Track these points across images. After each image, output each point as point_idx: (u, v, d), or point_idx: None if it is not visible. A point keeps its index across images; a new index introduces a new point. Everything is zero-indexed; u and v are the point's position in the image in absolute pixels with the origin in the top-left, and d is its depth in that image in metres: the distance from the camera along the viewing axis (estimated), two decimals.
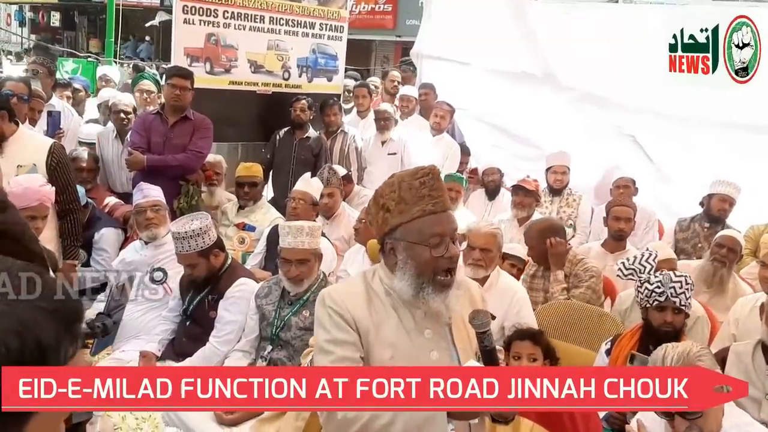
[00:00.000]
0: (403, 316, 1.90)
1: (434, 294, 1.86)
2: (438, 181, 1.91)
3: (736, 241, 4.14)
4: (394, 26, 18.42)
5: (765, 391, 2.94)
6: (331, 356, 1.84)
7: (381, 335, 1.87)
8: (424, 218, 1.86)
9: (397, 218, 1.87)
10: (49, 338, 0.88)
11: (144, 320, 3.82)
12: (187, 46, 5.58)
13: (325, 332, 1.88)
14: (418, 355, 1.87)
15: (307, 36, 6.31)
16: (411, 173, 1.91)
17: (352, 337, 1.85)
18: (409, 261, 1.87)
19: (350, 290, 1.96)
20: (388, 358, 1.84)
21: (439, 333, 1.93)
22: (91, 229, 4.40)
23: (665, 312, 3.02)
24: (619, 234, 4.55)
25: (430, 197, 1.87)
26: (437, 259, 1.85)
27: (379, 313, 1.89)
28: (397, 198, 1.87)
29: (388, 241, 1.91)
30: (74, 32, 25.14)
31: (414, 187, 1.87)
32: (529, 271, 4.22)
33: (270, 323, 3.35)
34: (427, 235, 1.85)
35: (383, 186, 1.93)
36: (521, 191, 5.17)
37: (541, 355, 3.12)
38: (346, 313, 1.86)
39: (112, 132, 5.55)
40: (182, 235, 3.43)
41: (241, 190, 5.06)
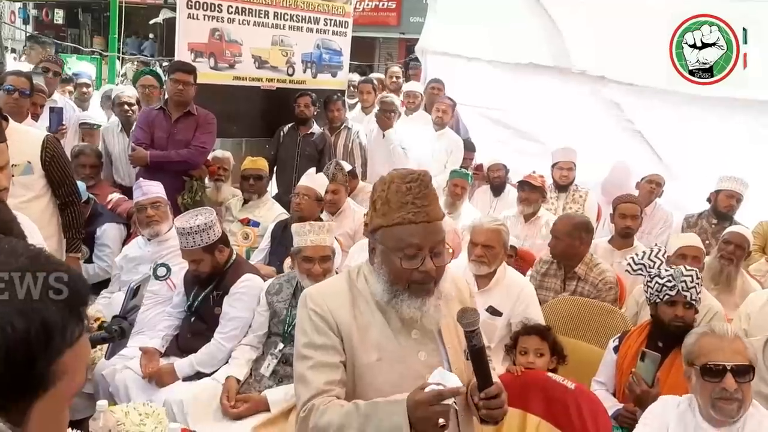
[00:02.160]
0: (389, 317, 1.84)
1: (409, 300, 1.78)
2: (425, 189, 1.80)
3: (743, 237, 4.09)
4: (398, 23, 18.39)
5: None
6: (309, 362, 1.78)
7: (366, 337, 1.80)
8: (404, 226, 1.76)
9: (379, 220, 1.81)
10: (56, 319, 0.88)
11: (148, 316, 3.80)
12: (191, 42, 5.56)
13: (304, 336, 1.82)
14: (405, 357, 1.81)
15: (311, 31, 6.29)
16: (402, 175, 1.82)
17: (331, 340, 1.79)
18: (383, 267, 1.81)
19: (333, 290, 1.89)
20: (374, 361, 1.79)
21: (427, 334, 1.86)
22: (92, 225, 4.39)
23: (676, 306, 2.97)
24: (626, 231, 4.51)
25: (413, 205, 1.77)
26: (410, 272, 1.77)
27: (364, 314, 1.83)
28: (384, 198, 1.80)
29: (371, 239, 1.86)
30: (78, 30, 25.16)
31: (401, 192, 1.78)
32: (540, 269, 4.17)
33: (282, 320, 3.34)
34: (403, 245, 1.76)
35: (378, 181, 1.87)
36: (527, 187, 5.13)
37: (548, 351, 3.09)
38: (327, 315, 1.81)
39: (117, 126, 5.54)
40: (187, 230, 3.40)
41: (246, 182, 5.05)
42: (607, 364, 3.20)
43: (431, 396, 1.62)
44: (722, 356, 2.23)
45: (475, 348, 1.75)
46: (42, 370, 0.88)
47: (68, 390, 0.93)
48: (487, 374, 1.77)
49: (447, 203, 5.52)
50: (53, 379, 0.89)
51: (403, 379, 1.78)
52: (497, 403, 1.76)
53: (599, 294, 3.87)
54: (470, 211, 5.44)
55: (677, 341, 2.89)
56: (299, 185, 4.49)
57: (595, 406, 2.54)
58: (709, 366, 2.22)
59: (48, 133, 3.95)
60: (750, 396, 2.20)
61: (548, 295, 4.02)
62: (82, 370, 0.94)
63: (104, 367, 3.53)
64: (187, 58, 5.40)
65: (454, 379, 1.69)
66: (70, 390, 0.93)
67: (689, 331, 2.49)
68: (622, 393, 3.05)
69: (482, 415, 1.81)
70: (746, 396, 2.19)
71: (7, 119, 3.53)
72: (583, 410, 2.52)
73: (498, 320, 3.57)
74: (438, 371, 1.71)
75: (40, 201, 3.63)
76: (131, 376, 3.41)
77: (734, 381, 2.17)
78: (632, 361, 3.03)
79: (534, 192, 5.12)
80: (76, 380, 0.93)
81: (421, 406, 1.62)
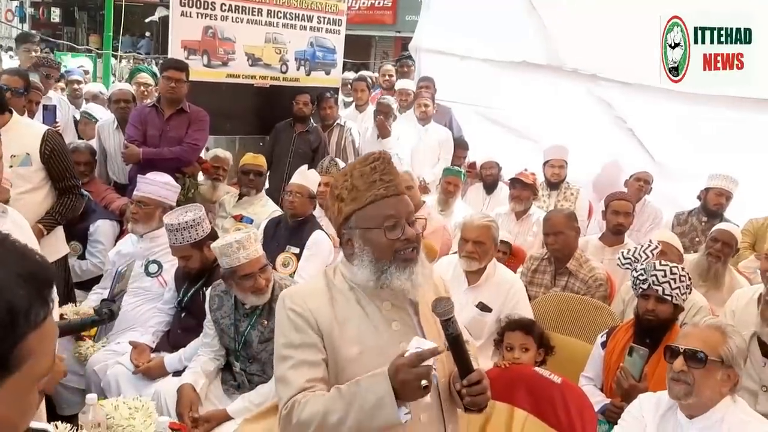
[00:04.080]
0: (369, 311, 1.85)
1: (397, 272, 1.81)
2: (389, 165, 1.86)
3: (731, 235, 4.12)
4: (393, 22, 18.44)
5: (761, 384, 2.94)
6: (290, 361, 1.79)
7: (347, 332, 1.81)
8: (377, 203, 1.81)
9: (350, 206, 1.83)
10: (20, 302, 0.89)
11: (139, 312, 3.82)
12: (185, 39, 5.58)
13: (283, 336, 1.83)
14: (386, 349, 1.81)
15: (305, 29, 6.30)
16: (361, 160, 1.87)
17: (312, 338, 1.80)
18: (366, 247, 1.82)
19: (311, 289, 1.90)
20: (355, 355, 1.79)
21: (408, 324, 1.87)
22: (86, 222, 4.41)
23: (648, 300, 3.02)
24: (618, 228, 4.53)
25: (382, 181, 1.82)
26: (393, 242, 1.80)
27: (344, 309, 1.84)
28: (349, 186, 1.83)
29: (344, 231, 1.86)
30: (74, 28, 25.16)
31: (365, 173, 1.82)
32: (531, 266, 4.20)
33: (232, 338, 3.19)
34: (381, 218, 1.80)
35: (337, 177, 1.89)
36: (519, 184, 5.16)
37: (533, 345, 3.11)
38: (307, 313, 1.81)
39: (113, 123, 5.55)
40: (175, 227, 3.42)
41: (246, 177, 5.07)
42: (595, 359, 3.23)
43: (412, 358, 1.64)
44: (683, 341, 2.29)
45: (452, 336, 1.76)
46: (5, 353, 0.89)
47: (35, 372, 0.93)
48: (467, 361, 1.78)
49: (440, 201, 5.55)
50: (18, 361, 0.90)
51: None
52: (479, 389, 1.77)
53: (589, 290, 3.90)
54: (463, 208, 5.47)
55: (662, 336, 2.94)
56: (292, 183, 4.50)
57: (581, 400, 2.56)
58: (669, 347, 2.30)
59: (50, 128, 3.98)
60: (707, 386, 2.21)
61: (539, 291, 4.04)
62: (48, 352, 0.94)
63: (96, 362, 3.55)
64: (180, 56, 5.41)
65: (431, 344, 1.71)
66: (36, 372, 0.94)
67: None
68: (610, 388, 3.08)
69: (466, 403, 1.82)
70: (699, 384, 2.20)
71: (11, 111, 3.58)
72: (568, 404, 2.54)
73: (488, 316, 3.59)
74: (415, 339, 1.73)
75: (38, 193, 3.65)
76: (122, 371, 3.42)
77: (683, 363, 2.22)
78: (620, 356, 3.07)
79: (525, 189, 5.14)
80: (43, 363, 0.94)
81: (402, 369, 1.64)
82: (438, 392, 1.88)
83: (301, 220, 4.37)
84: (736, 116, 5.09)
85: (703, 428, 2.24)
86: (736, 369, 2.22)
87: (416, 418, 1.83)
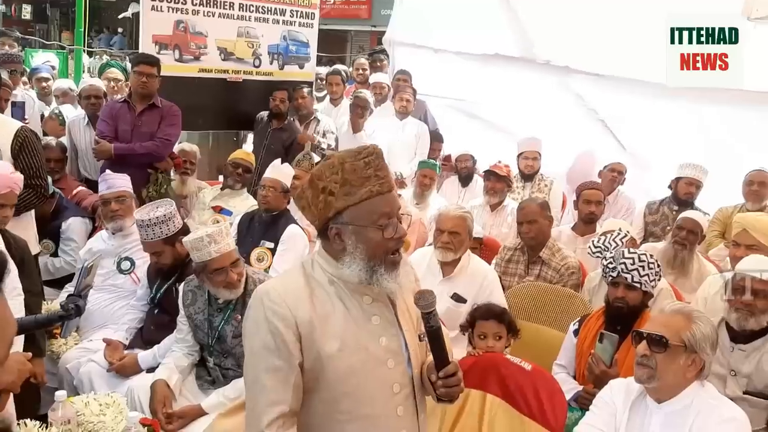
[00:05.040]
0: (350, 305, 1.82)
1: (387, 274, 1.79)
2: (382, 160, 1.82)
3: (696, 223, 4.17)
4: (369, 16, 18.43)
5: (729, 368, 2.98)
6: (263, 364, 1.76)
7: (327, 328, 1.78)
8: (372, 200, 1.77)
9: (343, 201, 1.77)
10: None
11: (112, 309, 3.80)
12: (156, 34, 5.53)
13: (258, 337, 1.78)
14: (367, 344, 1.80)
15: (277, 23, 6.27)
16: (353, 154, 1.80)
17: (289, 341, 1.75)
18: (359, 245, 1.78)
19: (290, 285, 1.83)
20: (336, 350, 1.77)
21: (387, 319, 1.86)
22: (58, 219, 4.35)
23: (617, 288, 3.06)
24: (590, 217, 4.59)
25: (377, 177, 1.78)
26: (388, 240, 1.79)
27: (324, 304, 1.80)
28: (340, 180, 1.76)
29: (333, 226, 1.80)
30: (46, 25, 24.79)
31: (359, 168, 1.76)
32: (504, 256, 4.22)
33: (205, 334, 3.18)
34: (376, 215, 1.77)
35: (322, 168, 1.80)
36: (493, 176, 5.18)
37: (505, 333, 3.14)
38: (286, 312, 1.75)
39: (83, 119, 5.49)
40: (146, 222, 3.39)
41: (235, 170, 5.08)
42: (568, 347, 3.27)
43: None
44: (649, 325, 2.34)
45: (432, 329, 1.78)
46: None
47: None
48: (445, 353, 1.80)
49: (415, 194, 5.56)
50: None
51: (365, 364, 1.79)
52: (455, 381, 1.80)
53: (561, 279, 3.93)
54: (438, 201, 5.48)
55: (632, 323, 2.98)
56: (265, 177, 4.48)
57: (552, 387, 2.59)
58: (635, 332, 2.35)
59: (24, 125, 3.93)
60: (670, 371, 2.24)
61: (512, 281, 4.07)
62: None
63: (68, 360, 3.52)
64: (151, 51, 5.37)
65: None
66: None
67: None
68: (582, 375, 3.12)
69: (440, 394, 1.83)
70: (661, 368, 2.23)
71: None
72: (539, 391, 2.57)
73: (462, 307, 3.61)
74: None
75: None
76: (95, 369, 3.40)
77: (646, 347, 2.25)
78: (591, 344, 3.10)
79: (500, 181, 5.17)
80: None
81: None
82: (412, 384, 1.89)
83: (275, 214, 4.35)
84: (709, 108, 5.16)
85: (671, 412, 2.27)
86: (701, 354, 2.24)
87: (394, 412, 1.84)
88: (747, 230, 3.67)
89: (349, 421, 1.80)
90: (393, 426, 1.84)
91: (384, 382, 1.83)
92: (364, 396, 1.80)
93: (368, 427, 1.81)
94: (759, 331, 2.92)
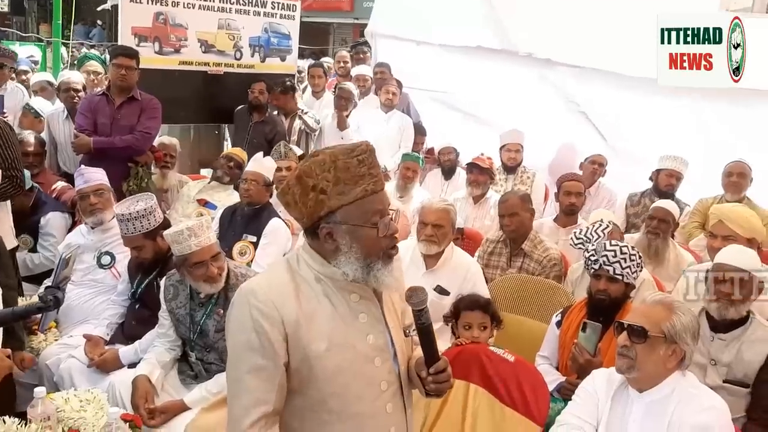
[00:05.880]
0: (336, 303, 1.78)
1: (383, 269, 1.78)
2: (375, 158, 1.79)
3: (666, 211, 4.22)
4: (351, 8, 18.38)
5: (709, 357, 3.00)
6: (248, 364, 1.72)
7: (314, 327, 1.74)
8: (367, 198, 1.74)
9: (336, 200, 1.73)
10: None
11: (92, 305, 3.76)
12: (135, 26, 5.48)
13: (244, 336, 1.73)
14: (354, 342, 1.78)
15: (258, 15, 6.23)
16: (346, 151, 1.75)
17: (274, 341, 1.71)
18: (354, 245, 1.74)
19: (275, 283, 1.78)
20: (323, 350, 1.74)
21: (374, 316, 1.84)
22: (37, 215, 4.30)
23: (600, 280, 3.08)
24: (571, 208, 4.62)
25: (371, 176, 1.74)
26: (382, 239, 1.76)
27: (310, 301, 1.76)
28: (333, 179, 1.71)
29: (324, 225, 1.75)
30: (24, 17, 24.46)
31: (352, 166, 1.72)
32: (487, 249, 4.24)
33: (187, 328, 3.16)
34: (370, 214, 1.75)
35: (311, 165, 1.74)
36: (475, 169, 5.19)
37: (489, 323, 3.15)
38: (272, 312, 1.71)
39: (62, 112, 5.42)
40: (126, 216, 3.35)
41: (227, 163, 5.09)
42: (551, 338, 3.28)
43: None
44: (630, 316, 2.36)
45: (423, 325, 1.77)
46: None
47: None
48: (435, 349, 1.80)
49: (398, 186, 5.56)
50: None
51: (352, 363, 1.78)
52: (445, 377, 1.80)
53: (543, 270, 3.95)
54: (421, 194, 5.48)
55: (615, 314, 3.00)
56: (247, 171, 4.45)
57: (534, 378, 2.60)
58: (617, 322, 2.37)
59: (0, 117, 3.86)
60: (650, 361, 2.26)
61: (495, 273, 4.08)
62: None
63: (48, 356, 3.48)
64: (130, 43, 5.32)
65: None
66: None
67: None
68: (565, 366, 3.13)
69: (430, 389, 1.83)
70: (641, 358, 2.26)
71: None
72: (522, 382, 2.58)
73: (446, 299, 3.61)
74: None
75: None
76: (76, 364, 3.36)
77: (626, 338, 2.28)
78: (574, 335, 3.11)
79: (482, 174, 5.18)
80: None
81: None
82: (400, 381, 1.88)
83: (257, 208, 4.33)
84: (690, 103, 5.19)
85: (652, 402, 2.29)
86: (681, 344, 2.26)
87: (383, 410, 1.83)
88: (722, 221, 3.71)
89: (337, 422, 1.77)
90: (382, 424, 1.83)
91: (372, 380, 1.81)
92: (352, 395, 1.77)
93: (357, 426, 1.79)
94: (738, 321, 2.94)
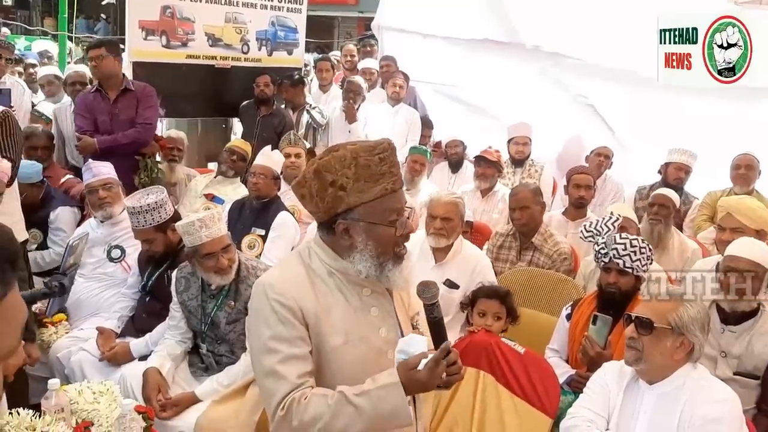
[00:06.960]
0: (349, 297, 1.81)
1: (395, 268, 1.79)
2: (395, 156, 1.80)
3: (666, 197, 4.23)
4: (356, 2, 18.33)
5: (720, 350, 3.00)
6: (279, 355, 1.72)
7: (331, 320, 1.76)
8: (386, 197, 1.75)
9: (356, 197, 1.73)
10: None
11: (103, 298, 3.77)
12: (142, 19, 5.48)
13: (268, 329, 1.74)
14: (368, 336, 1.80)
15: (265, 8, 6.22)
16: (368, 148, 1.75)
17: (298, 331, 1.73)
18: (369, 242, 1.75)
19: (291, 276, 1.80)
20: (341, 344, 1.76)
21: (385, 309, 1.86)
22: (46, 209, 4.28)
23: (610, 273, 3.07)
24: (580, 201, 4.60)
25: (391, 174, 1.75)
26: (398, 238, 1.78)
27: (326, 296, 1.78)
28: (353, 176, 1.71)
29: (341, 221, 1.75)
30: (28, 11, 24.47)
31: (373, 164, 1.72)
32: (496, 242, 4.23)
33: (199, 320, 3.18)
34: (389, 212, 1.75)
35: (331, 160, 1.73)
36: (483, 162, 5.18)
37: (505, 314, 3.15)
38: (293, 304, 1.73)
39: (69, 106, 5.42)
40: (137, 209, 3.36)
41: (230, 157, 5.06)
42: (560, 331, 3.28)
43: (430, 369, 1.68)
44: (638, 308, 2.37)
45: (435, 319, 1.78)
46: None
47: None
48: None
49: (406, 180, 5.54)
50: None
51: (366, 357, 1.79)
52: (455, 369, 1.79)
53: (554, 264, 3.95)
54: (429, 187, 5.47)
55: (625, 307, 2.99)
56: (255, 164, 4.46)
57: (544, 370, 2.61)
58: (626, 315, 2.39)
59: (5, 108, 3.84)
60: (657, 352, 2.27)
61: (504, 267, 4.08)
62: (9, 331, 0.90)
63: (59, 349, 3.49)
64: (138, 37, 5.33)
65: (418, 339, 1.73)
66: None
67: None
68: (575, 359, 3.13)
69: (440, 382, 1.81)
70: (648, 350, 2.27)
71: None
72: (532, 374, 2.58)
73: (455, 293, 3.61)
74: (402, 342, 1.75)
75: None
76: (87, 357, 3.37)
77: (633, 330, 2.29)
78: (584, 327, 3.11)
79: (490, 167, 5.17)
80: (4, 343, 0.90)
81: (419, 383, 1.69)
82: None
83: (265, 201, 4.33)
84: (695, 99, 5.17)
85: (662, 394, 2.29)
86: (689, 336, 2.26)
87: None
88: (730, 214, 3.71)
89: None
90: None
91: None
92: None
93: None
94: (749, 312, 2.94)
